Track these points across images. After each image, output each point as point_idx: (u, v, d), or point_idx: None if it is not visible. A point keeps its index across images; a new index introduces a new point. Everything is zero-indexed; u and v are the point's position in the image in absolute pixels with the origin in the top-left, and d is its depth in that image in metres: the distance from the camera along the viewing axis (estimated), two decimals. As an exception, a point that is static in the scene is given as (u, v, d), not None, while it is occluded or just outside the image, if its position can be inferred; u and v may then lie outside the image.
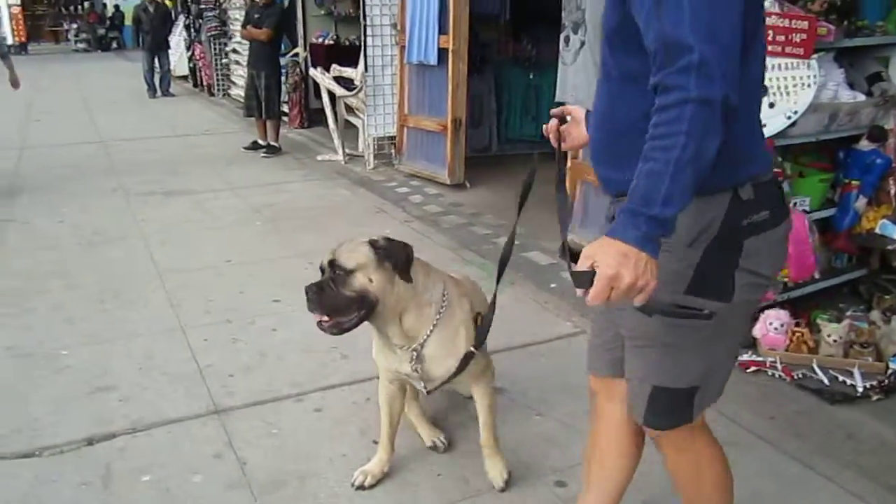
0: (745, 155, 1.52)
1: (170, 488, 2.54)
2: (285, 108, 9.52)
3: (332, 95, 7.78)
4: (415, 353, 2.23)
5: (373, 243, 2.11)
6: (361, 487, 2.50)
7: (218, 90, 13.12)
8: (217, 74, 13.06)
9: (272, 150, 8.09)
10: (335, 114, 7.77)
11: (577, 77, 4.20)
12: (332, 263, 2.09)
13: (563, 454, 2.71)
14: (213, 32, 12.56)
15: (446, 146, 6.37)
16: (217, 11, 12.40)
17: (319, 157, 7.88)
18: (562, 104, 2.11)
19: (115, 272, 4.54)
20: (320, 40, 10.02)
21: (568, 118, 2.02)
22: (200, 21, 13.18)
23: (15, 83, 7.42)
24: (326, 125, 8.40)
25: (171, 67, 14.03)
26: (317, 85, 8.95)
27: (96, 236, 5.25)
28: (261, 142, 8.25)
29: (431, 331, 2.22)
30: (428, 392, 2.35)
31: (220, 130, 9.95)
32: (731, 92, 1.32)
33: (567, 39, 4.24)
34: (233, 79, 12.55)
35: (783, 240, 1.64)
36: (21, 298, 4.14)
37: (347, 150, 7.70)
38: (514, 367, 3.28)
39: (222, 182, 6.87)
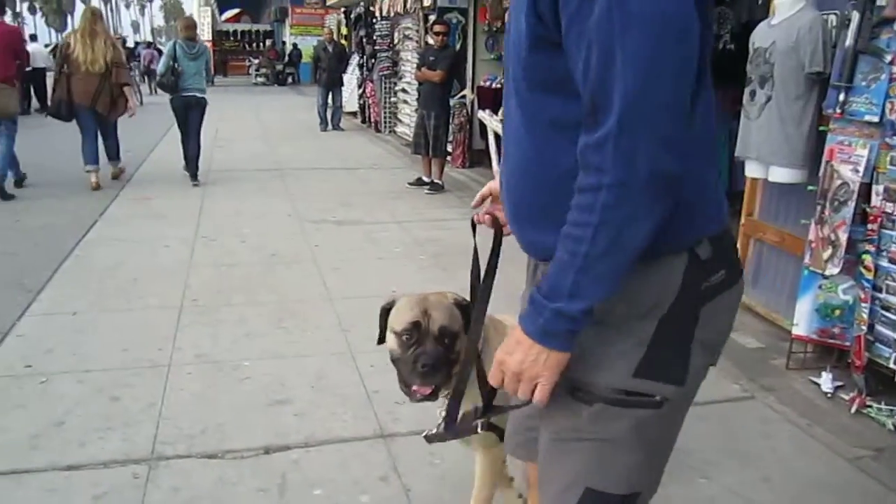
0: (699, 213, 1.30)
1: (339, 504, 2.66)
2: (449, 148, 9.79)
3: (497, 137, 7.94)
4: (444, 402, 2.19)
5: (458, 304, 2.05)
6: None
7: (384, 127, 13.72)
8: (385, 112, 13.67)
9: (436, 188, 8.35)
10: (499, 156, 7.90)
11: (761, 133, 4.08)
12: (443, 330, 1.99)
13: (733, 522, 2.61)
14: (384, 72, 13.19)
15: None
16: (390, 52, 13.03)
17: (480, 197, 8.04)
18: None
19: (291, 293, 4.83)
20: (488, 83, 10.27)
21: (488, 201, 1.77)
22: (373, 61, 13.89)
23: None
24: (488, 166, 8.57)
25: (343, 103, 14.83)
26: (481, 126, 9.19)
27: (274, 258, 5.61)
28: (425, 179, 8.53)
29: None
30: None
31: (386, 165, 10.38)
32: (666, 163, 1.12)
33: (752, 94, 4.13)
34: (399, 116, 13.09)
35: (736, 304, 1.40)
36: (210, 310, 4.48)
37: (508, 192, 7.81)
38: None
39: (388, 215, 7.16)
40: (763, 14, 4.53)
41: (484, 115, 8.13)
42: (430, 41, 8.63)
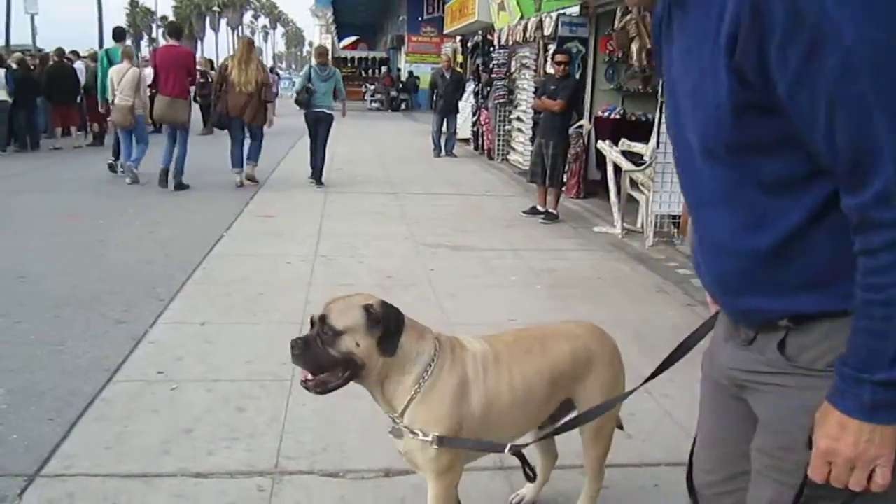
0: None
1: (460, 535, 2.60)
2: (564, 178, 9.70)
3: (617, 169, 7.79)
4: (393, 423, 2.12)
5: (367, 308, 2.01)
6: None
7: (497, 154, 13.76)
8: (498, 140, 13.71)
9: (550, 217, 8.26)
10: (618, 187, 7.76)
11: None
12: (323, 320, 1.99)
13: None
14: (500, 100, 13.24)
15: (737, 231, 6.07)
16: (506, 81, 13.08)
17: (596, 229, 7.90)
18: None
19: (409, 316, 4.83)
20: (606, 114, 10.15)
21: None
22: (489, 89, 13.98)
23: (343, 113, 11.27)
24: (602, 197, 8.42)
25: (457, 130, 14.99)
26: (597, 157, 9.06)
27: (389, 279, 5.66)
28: (539, 208, 8.46)
29: (409, 402, 2.07)
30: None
31: (499, 193, 10.38)
32: None
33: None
34: (513, 145, 13.09)
35: None
36: (330, 328, 4.55)
37: (625, 225, 7.65)
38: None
39: (503, 243, 7.12)
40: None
41: (604, 145, 8.00)
42: (551, 70, 8.60)
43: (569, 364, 2.33)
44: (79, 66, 15.37)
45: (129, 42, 11.55)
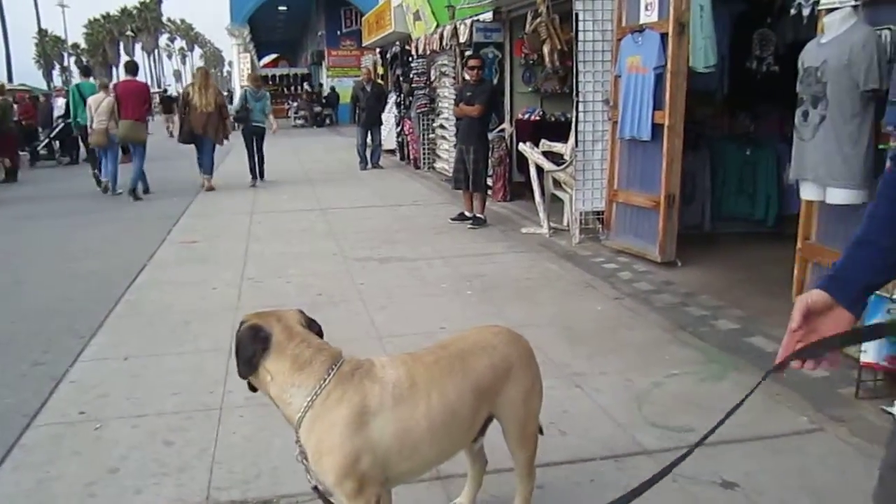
0: None
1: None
2: (489, 182, 9.77)
3: (539, 170, 7.89)
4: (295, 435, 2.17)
5: (240, 326, 2.21)
6: None
7: (423, 163, 13.79)
8: (423, 149, 13.74)
9: (478, 222, 8.31)
10: (542, 188, 7.86)
11: (817, 154, 3.97)
12: None
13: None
14: (422, 109, 13.28)
15: (658, 222, 6.22)
16: (427, 90, 13.13)
17: (524, 230, 7.99)
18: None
19: (340, 333, 4.73)
20: (526, 116, 10.28)
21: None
22: (411, 98, 14.01)
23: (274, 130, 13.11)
24: (528, 198, 8.51)
25: (382, 141, 14.96)
26: (520, 159, 9.15)
27: (320, 297, 5.60)
28: (467, 213, 8.50)
29: (297, 427, 2.14)
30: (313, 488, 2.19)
31: (427, 202, 10.39)
32: None
33: (805, 114, 4.03)
34: (438, 153, 13.14)
35: None
36: (259, 351, 4.46)
37: (551, 224, 7.75)
38: (746, 462, 3.06)
39: (433, 251, 7.12)
40: (809, 33, 4.44)
41: (525, 147, 8.08)
42: (467, 76, 8.66)
43: (490, 379, 2.31)
44: (-16, 101, 14.82)
45: (92, 78, 13.46)
